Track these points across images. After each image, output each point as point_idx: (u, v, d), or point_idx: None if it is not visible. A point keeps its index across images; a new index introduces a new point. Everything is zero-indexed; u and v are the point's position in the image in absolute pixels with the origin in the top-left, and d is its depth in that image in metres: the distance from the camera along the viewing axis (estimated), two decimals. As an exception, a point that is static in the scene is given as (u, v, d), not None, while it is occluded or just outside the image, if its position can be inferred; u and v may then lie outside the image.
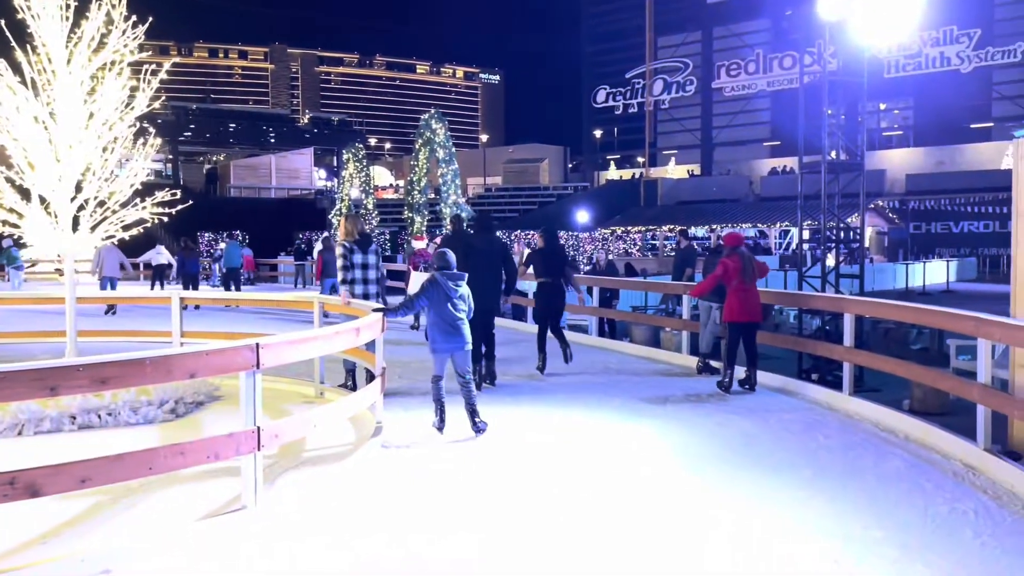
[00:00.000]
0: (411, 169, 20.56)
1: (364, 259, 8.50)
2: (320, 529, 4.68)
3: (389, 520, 4.83)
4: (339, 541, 4.49)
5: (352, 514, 4.94)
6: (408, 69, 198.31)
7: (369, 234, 8.80)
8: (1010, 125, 48.88)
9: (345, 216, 9.07)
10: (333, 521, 4.81)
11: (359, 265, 8.47)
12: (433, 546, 4.42)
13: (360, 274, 8.47)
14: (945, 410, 8.43)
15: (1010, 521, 4.82)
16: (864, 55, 12.96)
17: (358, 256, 8.48)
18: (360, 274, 8.47)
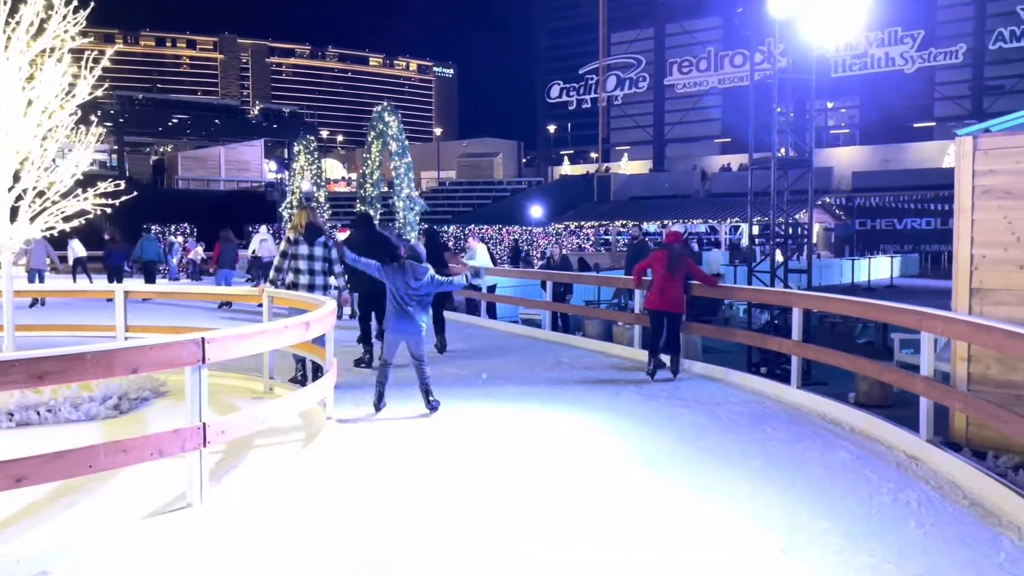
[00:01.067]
0: (364, 162, 20.33)
1: (309, 251, 8.53)
2: (268, 527, 4.60)
3: (340, 517, 4.76)
4: (288, 539, 4.41)
5: (301, 511, 4.86)
6: (361, 61, 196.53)
7: (320, 227, 8.87)
8: (951, 124, 50.15)
9: (298, 208, 9.08)
10: (282, 519, 4.72)
11: (303, 256, 8.54)
12: (386, 544, 4.37)
13: (305, 265, 8.54)
14: (889, 402, 8.61)
15: (951, 511, 4.94)
16: (813, 54, 13.16)
17: (303, 248, 8.55)
18: (305, 265, 8.54)
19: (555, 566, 4.09)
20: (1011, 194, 6.61)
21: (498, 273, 17.17)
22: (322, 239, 8.65)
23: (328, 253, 8.66)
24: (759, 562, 4.15)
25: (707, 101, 65.64)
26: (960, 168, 6.93)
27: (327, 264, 8.65)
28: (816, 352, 8.42)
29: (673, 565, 4.10)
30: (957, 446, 6.41)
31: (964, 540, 4.46)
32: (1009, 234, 6.63)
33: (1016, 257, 6.60)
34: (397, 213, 19.18)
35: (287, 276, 8.65)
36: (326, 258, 8.64)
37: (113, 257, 19.33)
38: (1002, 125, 6.93)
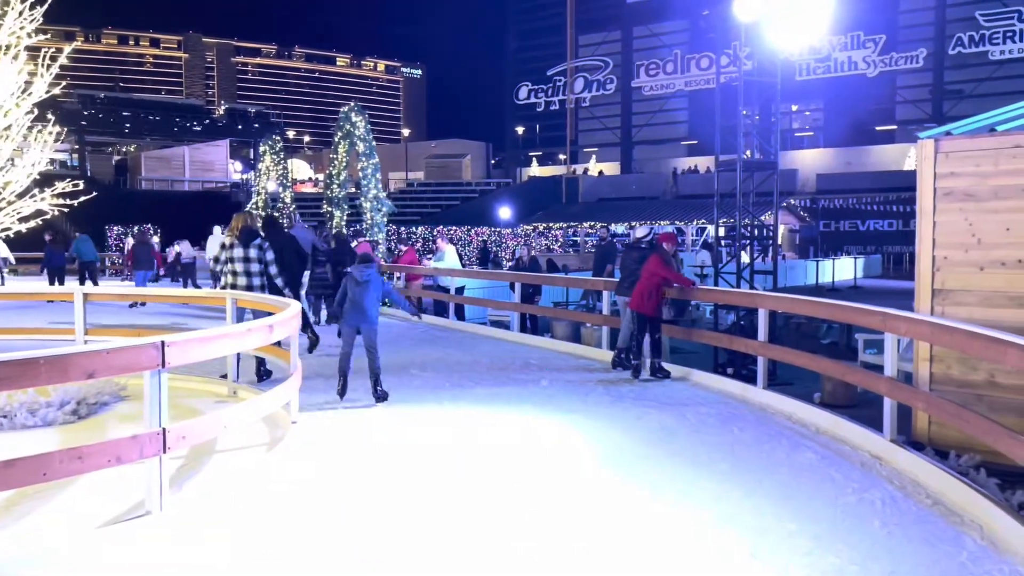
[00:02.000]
0: (330, 163, 20.13)
1: (244, 253, 8.92)
2: (231, 534, 4.50)
3: (305, 523, 4.68)
4: (251, 546, 4.33)
5: (265, 517, 4.77)
6: (328, 61, 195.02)
7: (255, 230, 9.26)
8: (912, 127, 50.98)
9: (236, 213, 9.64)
10: (245, 525, 4.63)
11: (239, 259, 8.92)
12: (352, 549, 4.30)
13: (241, 267, 8.92)
14: (854, 402, 8.69)
15: (915, 510, 4.98)
16: (778, 57, 13.27)
17: (237, 251, 8.93)
18: (241, 267, 8.92)
19: (526, 570, 4.06)
20: (972, 196, 6.70)
21: (467, 275, 17.12)
22: (257, 241, 9.03)
23: (263, 255, 9.03)
24: (728, 565, 4.14)
25: (674, 103, 66.04)
26: (922, 171, 7.02)
27: (263, 265, 9.00)
28: (782, 353, 8.48)
29: (641, 568, 4.09)
30: (920, 445, 6.49)
31: (927, 539, 4.50)
32: (970, 236, 6.72)
33: (976, 259, 6.69)
34: (364, 214, 19.02)
35: (225, 278, 9.04)
36: (261, 259, 9.01)
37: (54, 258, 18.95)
38: (963, 128, 7.02)
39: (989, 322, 6.02)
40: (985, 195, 6.63)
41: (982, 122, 7.12)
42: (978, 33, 51.33)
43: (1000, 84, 48.82)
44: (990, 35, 50.90)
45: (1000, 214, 6.56)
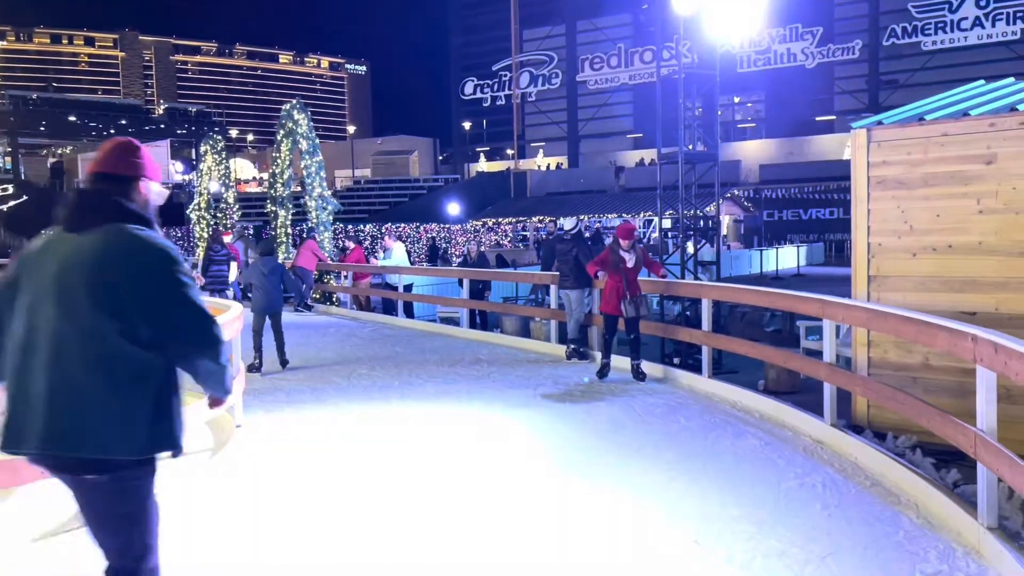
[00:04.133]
0: (274, 161, 19.84)
1: None
2: (172, 546, 4.41)
3: (252, 531, 4.62)
4: (194, 558, 4.25)
5: (209, 525, 4.69)
6: (270, 59, 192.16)
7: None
8: (850, 118, 52.13)
9: None
10: (187, 534, 4.55)
11: None
12: (302, 556, 4.25)
13: None
14: (797, 388, 8.86)
15: (854, 492, 5.10)
16: (717, 50, 13.44)
17: None
18: None
19: (469, 566, 4.06)
20: (903, 184, 6.87)
21: (415, 272, 17.04)
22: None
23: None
24: (672, 552, 4.20)
25: (619, 97, 66.62)
26: (856, 160, 7.17)
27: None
28: (726, 342, 8.62)
29: (585, 558, 4.12)
30: (860, 429, 6.64)
31: (866, 520, 4.62)
32: (902, 223, 6.89)
33: (909, 245, 6.86)
34: (310, 213, 18.77)
35: None
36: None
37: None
38: (894, 118, 7.19)
39: (922, 306, 6.19)
40: (916, 183, 6.80)
41: (912, 112, 7.30)
42: (911, 24, 52.71)
43: (933, 74, 50.26)
44: (922, 26, 52.31)
45: (930, 201, 6.74)
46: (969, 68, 43.98)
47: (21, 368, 2.56)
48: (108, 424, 2.52)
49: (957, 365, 6.17)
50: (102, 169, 2.74)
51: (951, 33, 51.56)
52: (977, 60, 48.06)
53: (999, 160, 6.38)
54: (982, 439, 4.25)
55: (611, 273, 8.75)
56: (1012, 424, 5.29)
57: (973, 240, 6.52)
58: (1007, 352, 3.96)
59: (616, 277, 8.70)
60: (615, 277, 8.70)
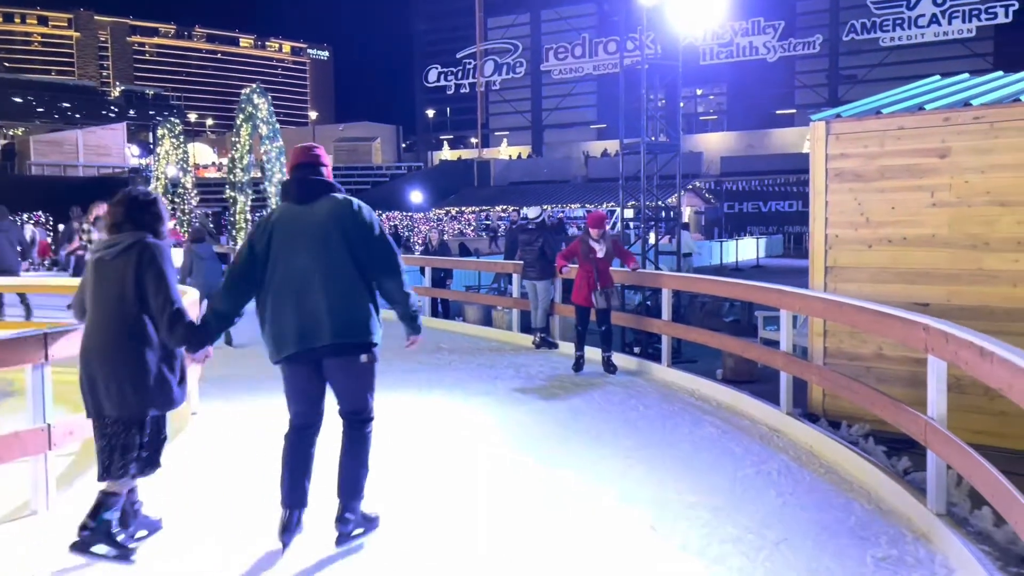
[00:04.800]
0: (233, 146, 19.56)
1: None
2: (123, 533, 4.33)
3: (206, 521, 4.55)
4: (146, 547, 4.17)
5: (162, 515, 4.61)
6: (231, 42, 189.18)
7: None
8: (810, 111, 52.80)
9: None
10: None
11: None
12: (257, 547, 4.19)
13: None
14: (754, 377, 8.96)
15: (809, 479, 5.18)
16: (680, 42, 13.50)
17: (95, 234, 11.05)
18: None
19: (422, 551, 4.04)
20: (860, 176, 6.97)
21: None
22: None
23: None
24: (629, 538, 4.22)
25: (583, 87, 66.77)
26: (815, 152, 7.26)
27: None
28: (685, 331, 8.69)
29: (541, 545, 4.12)
30: (815, 417, 6.74)
31: (820, 506, 4.69)
32: (859, 215, 6.99)
33: (865, 236, 6.97)
34: (269, 199, 18.56)
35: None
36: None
37: None
38: (852, 111, 7.29)
39: (877, 297, 6.29)
40: (872, 175, 6.90)
41: (870, 105, 7.41)
42: (870, 20, 53.50)
43: (890, 69, 51.10)
44: (881, 22, 53.13)
45: (886, 193, 6.85)
46: (926, 64, 44.74)
47: (298, 297, 3.87)
48: (368, 320, 3.96)
49: (909, 355, 6.29)
50: (307, 161, 4.09)
51: (909, 30, 52.45)
52: (933, 57, 48.97)
53: (952, 154, 6.50)
54: (932, 427, 4.33)
55: (581, 263, 8.50)
56: (962, 413, 5.41)
57: (927, 232, 6.64)
58: (957, 342, 4.04)
59: (587, 267, 8.44)
60: (586, 267, 8.45)
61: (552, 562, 3.95)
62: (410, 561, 3.99)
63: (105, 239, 3.92)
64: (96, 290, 3.89)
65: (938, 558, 3.99)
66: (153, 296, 3.80)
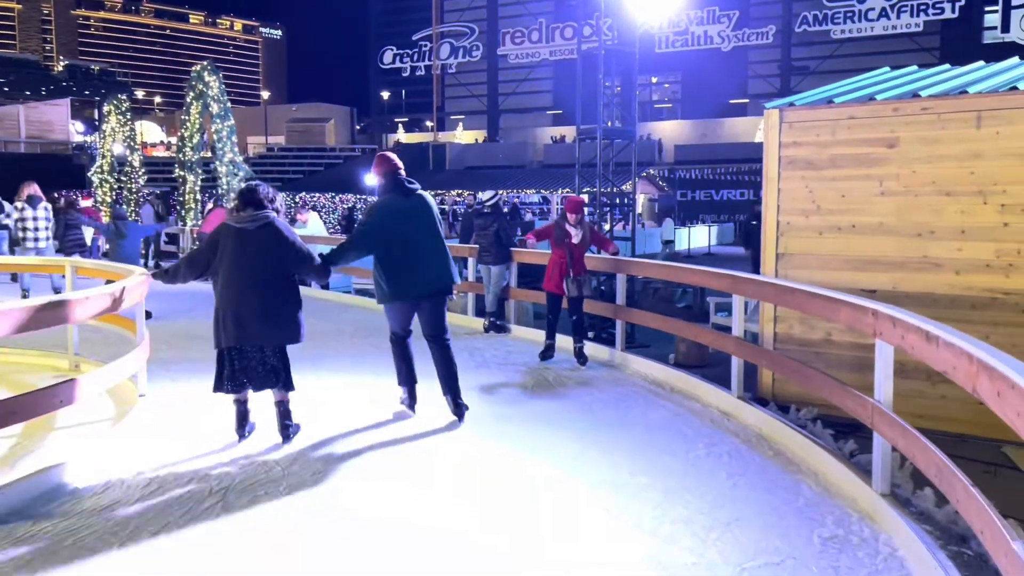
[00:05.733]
0: (183, 125, 19.13)
1: (33, 214, 12.02)
2: (69, 522, 4.24)
3: (153, 504, 4.46)
4: (93, 534, 4.09)
5: (109, 502, 4.52)
6: (180, 18, 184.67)
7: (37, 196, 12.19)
8: (763, 101, 53.47)
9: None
10: (85, 511, 4.37)
11: (29, 218, 11.96)
12: (203, 535, 4.13)
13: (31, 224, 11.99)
14: (706, 362, 9.10)
15: (758, 461, 5.27)
16: (637, 29, 13.56)
17: (28, 211, 12.01)
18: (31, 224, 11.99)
19: (378, 529, 4.03)
20: (812, 165, 7.08)
21: (330, 241, 16.72)
22: (43, 204, 12.18)
23: (49, 214, 12.24)
24: (582, 521, 4.26)
25: (539, 73, 66.60)
26: (768, 139, 7.36)
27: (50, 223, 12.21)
28: (639, 316, 8.76)
29: (497, 526, 4.14)
30: (765, 401, 6.86)
31: (769, 488, 4.78)
32: (810, 202, 7.12)
33: (816, 224, 7.09)
34: (220, 179, 18.21)
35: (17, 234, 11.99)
36: (48, 218, 12.20)
37: None
38: (805, 100, 7.40)
39: (827, 284, 6.41)
40: (823, 164, 7.02)
41: (822, 95, 7.53)
42: (821, 12, 54.24)
43: (841, 61, 51.93)
44: (832, 15, 53.90)
45: (837, 182, 6.98)
46: (875, 57, 45.54)
47: (418, 261, 5.84)
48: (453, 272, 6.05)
49: (857, 340, 6.43)
50: (399, 167, 6.03)
51: (859, 23, 53.32)
52: (883, 50, 49.84)
53: (901, 144, 6.64)
54: (879, 410, 4.43)
55: (555, 247, 8.25)
56: (905, 398, 5.55)
57: (875, 221, 6.78)
58: (904, 326, 4.13)
59: (560, 252, 8.18)
60: (559, 252, 8.20)
61: (504, 543, 3.96)
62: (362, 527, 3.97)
63: (244, 215, 5.26)
64: (241, 252, 5.23)
65: (882, 537, 4.09)
66: (295, 254, 5.33)
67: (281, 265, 5.28)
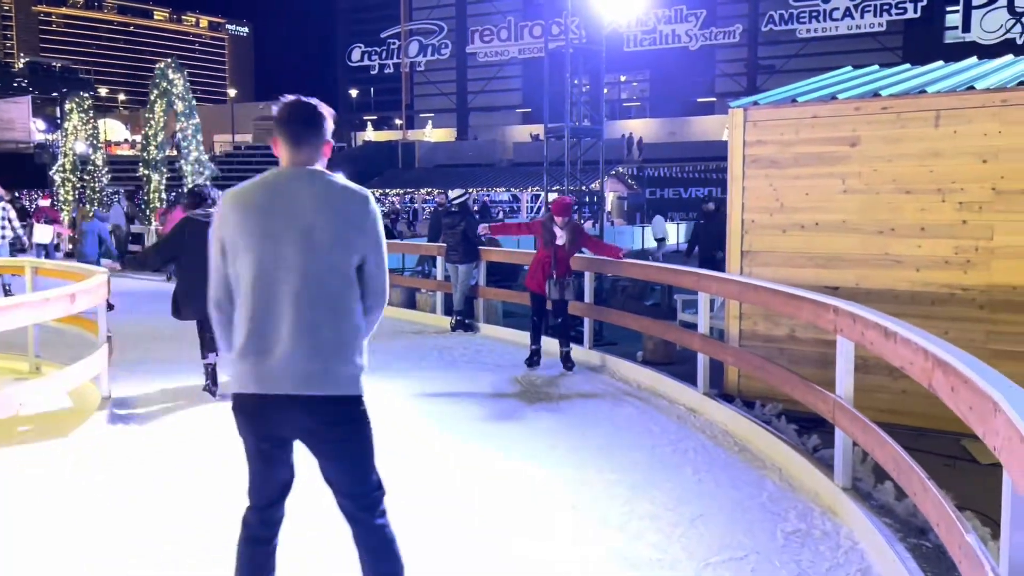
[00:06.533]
0: (147, 123, 18.88)
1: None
2: (30, 528, 4.17)
3: (117, 512, 4.41)
4: (55, 540, 4.02)
5: (72, 505, 4.45)
6: (144, 15, 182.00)
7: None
8: (730, 100, 53.87)
9: None
10: (45, 517, 4.31)
11: None
12: (172, 541, 4.09)
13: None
14: (672, 360, 9.13)
15: (724, 457, 5.33)
16: (604, 27, 13.61)
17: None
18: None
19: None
20: (776, 163, 7.15)
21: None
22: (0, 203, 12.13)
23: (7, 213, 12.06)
24: (551, 517, 4.28)
25: (508, 71, 66.62)
26: (733, 138, 7.42)
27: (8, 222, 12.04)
28: (606, 314, 8.81)
29: (462, 523, 4.14)
30: (730, 397, 6.91)
31: (734, 483, 4.83)
32: (774, 200, 7.18)
33: (780, 222, 7.16)
34: (185, 178, 17.99)
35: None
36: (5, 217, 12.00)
37: None
38: (769, 98, 7.47)
39: (790, 281, 6.48)
40: (787, 162, 7.09)
41: (786, 94, 7.60)
42: (787, 12, 54.78)
43: (806, 60, 52.56)
44: (798, 14, 54.45)
45: (800, 180, 7.05)
46: (839, 56, 46.06)
47: None
48: None
49: (820, 337, 6.50)
50: None
51: (824, 22, 53.92)
52: (846, 49, 50.50)
53: (862, 143, 6.72)
54: (840, 405, 4.50)
55: (541, 248, 8.05)
56: (868, 392, 5.63)
57: (837, 218, 6.87)
58: (864, 322, 4.20)
59: (545, 252, 7.99)
60: (545, 252, 8.00)
61: (470, 540, 3.97)
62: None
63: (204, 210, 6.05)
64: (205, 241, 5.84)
65: (843, 530, 4.16)
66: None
67: None
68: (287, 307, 2.56)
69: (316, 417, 2.63)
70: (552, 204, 8.22)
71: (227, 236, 2.64)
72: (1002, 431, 2.45)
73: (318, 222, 2.59)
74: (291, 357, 2.55)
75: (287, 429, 2.69)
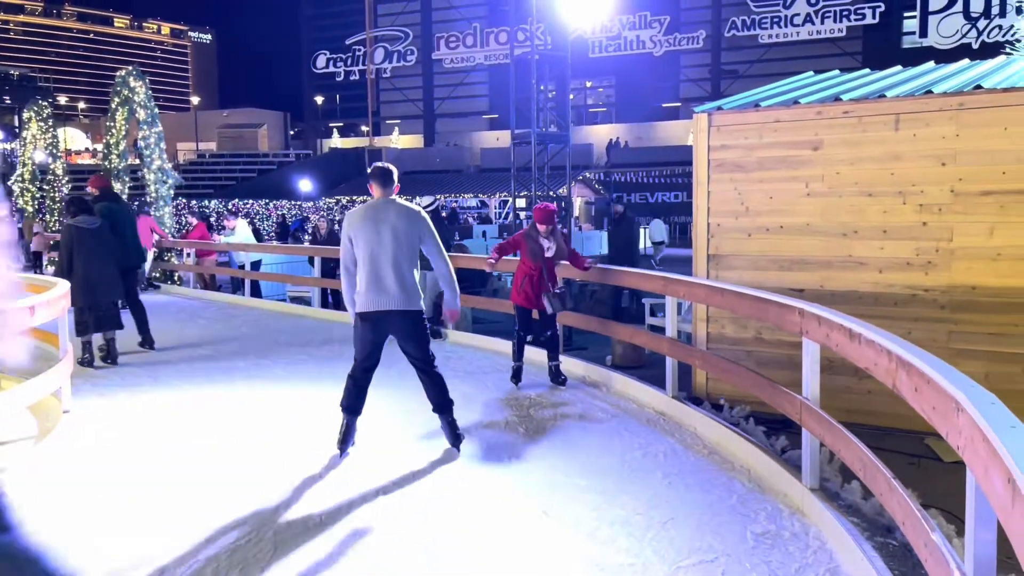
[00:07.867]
0: (108, 132, 18.59)
1: None
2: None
3: (79, 526, 4.32)
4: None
5: (35, 516, 4.35)
6: (104, 22, 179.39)
7: None
8: (694, 104, 54.40)
9: None
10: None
11: None
12: (134, 552, 4.01)
13: None
14: (642, 363, 9.18)
15: (693, 460, 5.35)
16: (569, 34, 13.67)
17: None
18: None
19: (314, 535, 3.97)
20: (740, 167, 7.23)
21: (262, 249, 16.46)
22: None
23: None
24: (521, 523, 4.26)
25: (474, 77, 66.63)
26: (698, 143, 7.48)
27: None
28: (575, 319, 8.82)
29: (432, 529, 4.11)
30: (699, 400, 6.96)
31: (704, 486, 4.85)
32: (739, 204, 7.26)
33: (745, 225, 7.24)
34: (148, 187, 17.73)
35: None
36: None
37: None
38: (732, 104, 7.54)
39: (756, 284, 6.55)
40: (752, 166, 7.17)
41: (749, 98, 7.68)
42: (750, 18, 55.50)
43: (769, 66, 53.16)
44: (760, 20, 55.19)
45: (765, 183, 7.13)
46: (801, 62, 46.79)
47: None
48: None
49: (786, 339, 6.58)
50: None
51: (785, 28, 54.70)
52: (808, 54, 51.25)
53: (825, 146, 6.82)
54: (807, 406, 4.54)
55: (529, 261, 7.52)
56: (834, 393, 5.71)
57: (801, 221, 6.95)
58: (829, 324, 4.24)
59: (534, 265, 7.49)
60: (532, 265, 7.49)
61: (443, 549, 3.94)
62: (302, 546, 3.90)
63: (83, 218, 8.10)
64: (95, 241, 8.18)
65: (812, 531, 4.19)
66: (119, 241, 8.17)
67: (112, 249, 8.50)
68: (386, 268, 5.18)
69: (404, 320, 5.28)
70: (535, 212, 7.68)
71: (353, 233, 5.24)
72: (964, 430, 2.49)
73: (398, 225, 5.22)
74: (392, 292, 5.19)
75: (389, 328, 5.33)
